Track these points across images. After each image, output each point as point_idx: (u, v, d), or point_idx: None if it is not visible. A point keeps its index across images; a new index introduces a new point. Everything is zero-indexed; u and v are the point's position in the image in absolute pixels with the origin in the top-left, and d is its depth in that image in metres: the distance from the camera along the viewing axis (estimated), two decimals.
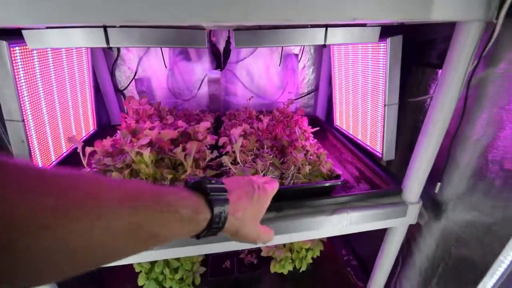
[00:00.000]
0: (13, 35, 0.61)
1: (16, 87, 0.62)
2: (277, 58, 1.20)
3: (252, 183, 0.46)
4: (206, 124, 0.85)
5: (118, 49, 1.11)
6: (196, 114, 1.09)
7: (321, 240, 1.08)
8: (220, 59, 1.10)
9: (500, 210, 0.60)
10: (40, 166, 0.77)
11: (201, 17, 0.40)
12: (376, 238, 0.87)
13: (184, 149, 0.73)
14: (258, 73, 1.23)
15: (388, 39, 0.68)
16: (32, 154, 0.70)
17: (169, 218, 0.31)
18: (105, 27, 0.59)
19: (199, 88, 1.22)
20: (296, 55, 1.21)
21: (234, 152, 0.75)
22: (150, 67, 1.17)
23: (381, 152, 0.85)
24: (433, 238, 0.79)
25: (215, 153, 0.75)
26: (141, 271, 0.88)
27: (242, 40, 0.63)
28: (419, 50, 0.76)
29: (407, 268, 0.93)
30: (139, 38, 0.59)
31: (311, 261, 1.03)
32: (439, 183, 0.72)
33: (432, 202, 0.78)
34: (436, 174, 0.73)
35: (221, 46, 1.09)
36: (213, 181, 0.39)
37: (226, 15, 0.41)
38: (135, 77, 1.17)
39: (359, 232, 0.76)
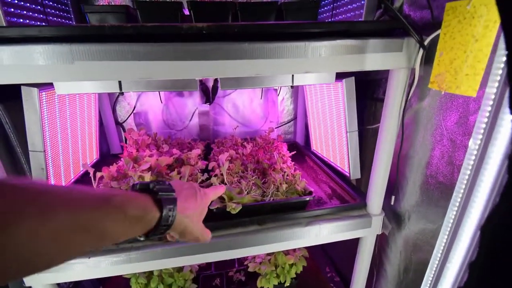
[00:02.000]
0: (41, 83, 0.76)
1: (41, 124, 0.75)
2: (259, 92, 1.37)
3: (194, 186, 0.49)
4: (197, 151, 0.98)
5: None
6: (188, 143, 1.23)
7: (304, 256, 1.17)
8: (209, 95, 1.26)
9: (441, 216, 0.73)
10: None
11: (194, 74, 0.56)
12: (355, 255, 0.98)
13: (179, 173, 0.85)
14: (243, 105, 1.40)
15: (343, 80, 0.85)
16: (49, 180, 0.81)
17: (117, 218, 0.33)
18: (120, 81, 0.74)
19: (190, 120, 1.37)
20: (276, 89, 1.39)
21: (222, 174, 0.87)
22: (147, 102, 1.32)
23: (348, 172, 0.99)
24: (397, 247, 0.91)
25: (206, 175, 0.88)
26: None
27: (227, 84, 0.78)
28: (370, 87, 0.94)
29: (380, 279, 1.02)
30: (145, 85, 0.74)
31: (294, 275, 1.12)
32: (393, 196, 0.85)
33: (393, 214, 0.91)
34: (393, 188, 0.87)
35: (210, 84, 1.26)
36: (160, 182, 0.41)
37: (214, 72, 0.56)
38: (134, 111, 1.31)
39: (341, 250, 0.86)
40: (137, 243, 0.74)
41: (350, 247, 0.97)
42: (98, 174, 0.81)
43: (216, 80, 1.23)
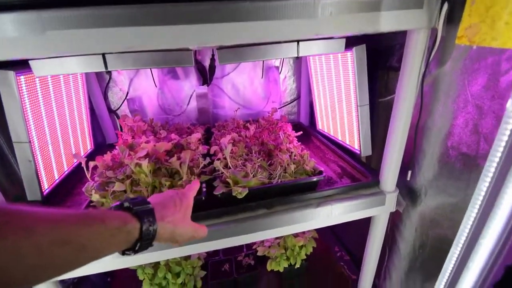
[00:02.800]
0: (18, 65, 0.68)
1: (22, 111, 0.68)
2: (260, 71, 1.29)
3: (170, 193, 0.52)
4: (197, 135, 0.92)
5: (110, 72, 1.19)
6: (187, 128, 1.16)
7: (313, 237, 1.14)
8: (206, 76, 1.18)
9: (462, 189, 0.68)
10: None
11: (187, 41, 0.48)
12: (365, 233, 0.94)
13: (178, 158, 0.79)
14: (243, 86, 1.32)
15: (353, 49, 0.77)
16: (38, 172, 0.75)
17: (96, 230, 0.35)
18: (103, 54, 0.66)
19: (188, 104, 1.29)
20: (277, 67, 1.31)
21: (225, 158, 0.81)
22: (141, 87, 1.24)
23: (359, 149, 0.93)
24: (413, 224, 0.87)
25: (207, 160, 0.82)
26: (144, 278, 0.92)
27: (225, 57, 0.71)
28: (382, 56, 0.86)
29: (393, 256, 0.99)
30: (133, 61, 0.66)
31: (305, 257, 1.09)
32: (410, 171, 0.80)
33: (408, 190, 0.86)
34: (408, 163, 0.81)
35: (207, 64, 1.18)
36: (134, 199, 0.44)
37: (211, 38, 0.49)
38: (127, 97, 1.24)
39: (349, 229, 0.82)
40: None
41: (359, 224, 0.92)
42: (91, 164, 0.75)
43: (213, 59, 1.15)
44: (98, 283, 1.14)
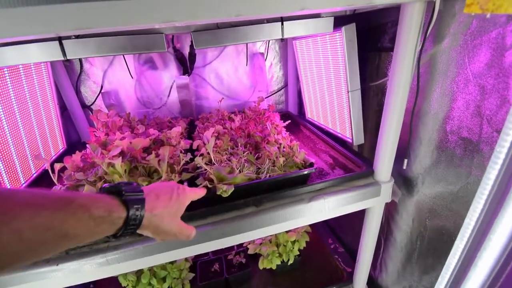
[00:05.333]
0: None
1: None
2: (244, 58, 1.21)
3: (172, 185, 0.49)
4: (178, 129, 0.84)
5: (81, 64, 1.09)
6: (169, 121, 1.08)
7: (306, 231, 1.09)
8: (186, 65, 1.10)
9: (463, 177, 0.64)
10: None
11: (150, 19, 0.41)
12: (359, 223, 0.90)
13: (157, 155, 0.72)
14: (227, 74, 1.24)
15: (342, 28, 0.71)
16: (0, 177, 0.67)
17: (81, 218, 0.33)
18: (60, 39, 0.58)
19: (168, 95, 1.21)
20: (262, 53, 1.23)
21: (208, 153, 0.75)
22: (116, 79, 1.15)
23: (351, 137, 0.88)
24: (409, 214, 0.83)
25: (189, 155, 0.75)
26: (127, 285, 0.86)
27: (202, 40, 0.64)
28: (373, 36, 0.80)
29: (389, 247, 0.96)
30: (96, 47, 0.58)
31: (298, 253, 1.04)
32: (406, 160, 0.76)
33: (403, 179, 0.82)
34: (403, 151, 0.77)
35: (186, 52, 1.09)
36: (128, 183, 0.42)
37: (180, 15, 0.41)
38: (102, 91, 1.14)
39: (343, 220, 0.77)
40: (113, 242, 0.62)
41: (353, 215, 0.89)
42: (58, 166, 0.66)
43: (192, 46, 1.06)
44: None
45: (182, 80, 1.16)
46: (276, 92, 1.35)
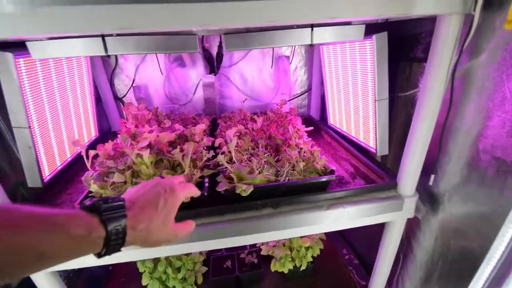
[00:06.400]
0: (17, 47, 0.65)
1: (22, 95, 0.65)
2: (269, 60, 1.22)
3: (158, 187, 0.46)
4: (202, 126, 0.87)
5: (116, 59, 1.15)
6: (193, 118, 1.11)
7: (321, 239, 1.08)
8: (213, 64, 1.13)
9: (494, 199, 0.61)
10: None
11: (189, 22, 0.43)
12: (377, 236, 0.88)
13: (181, 150, 0.75)
14: (251, 76, 1.26)
15: (374, 36, 0.70)
16: (39, 159, 0.73)
17: (58, 238, 0.32)
18: (103, 37, 0.62)
19: (194, 93, 1.25)
20: (288, 57, 1.24)
21: (229, 151, 0.76)
22: (147, 74, 1.20)
23: (375, 147, 0.86)
24: (432, 232, 0.80)
25: (212, 153, 0.77)
26: (144, 271, 0.90)
27: (232, 43, 0.65)
28: (405, 45, 0.78)
29: (408, 264, 0.92)
30: (135, 45, 0.62)
31: (311, 259, 1.04)
32: (432, 175, 0.73)
33: (428, 195, 0.78)
34: (430, 166, 0.74)
35: (214, 51, 1.12)
36: (109, 201, 0.40)
37: (215, 19, 0.43)
38: (133, 85, 1.20)
39: (359, 232, 0.76)
40: None
41: (370, 227, 0.86)
42: (92, 153, 0.71)
43: (220, 46, 1.09)
44: (99, 270, 1.13)
45: (209, 79, 1.19)
46: (299, 96, 1.35)
